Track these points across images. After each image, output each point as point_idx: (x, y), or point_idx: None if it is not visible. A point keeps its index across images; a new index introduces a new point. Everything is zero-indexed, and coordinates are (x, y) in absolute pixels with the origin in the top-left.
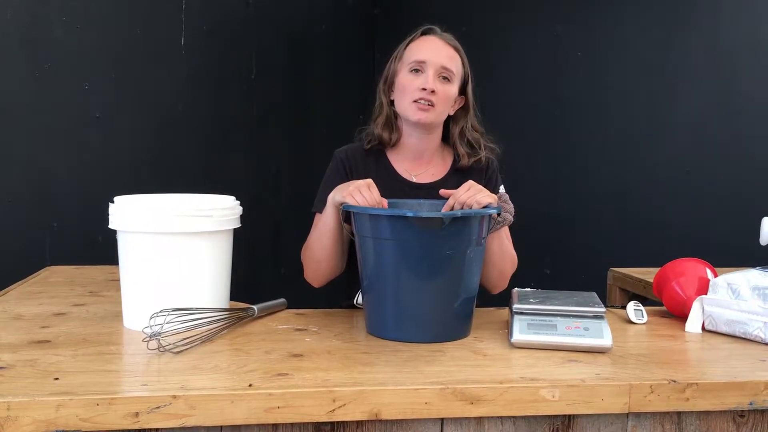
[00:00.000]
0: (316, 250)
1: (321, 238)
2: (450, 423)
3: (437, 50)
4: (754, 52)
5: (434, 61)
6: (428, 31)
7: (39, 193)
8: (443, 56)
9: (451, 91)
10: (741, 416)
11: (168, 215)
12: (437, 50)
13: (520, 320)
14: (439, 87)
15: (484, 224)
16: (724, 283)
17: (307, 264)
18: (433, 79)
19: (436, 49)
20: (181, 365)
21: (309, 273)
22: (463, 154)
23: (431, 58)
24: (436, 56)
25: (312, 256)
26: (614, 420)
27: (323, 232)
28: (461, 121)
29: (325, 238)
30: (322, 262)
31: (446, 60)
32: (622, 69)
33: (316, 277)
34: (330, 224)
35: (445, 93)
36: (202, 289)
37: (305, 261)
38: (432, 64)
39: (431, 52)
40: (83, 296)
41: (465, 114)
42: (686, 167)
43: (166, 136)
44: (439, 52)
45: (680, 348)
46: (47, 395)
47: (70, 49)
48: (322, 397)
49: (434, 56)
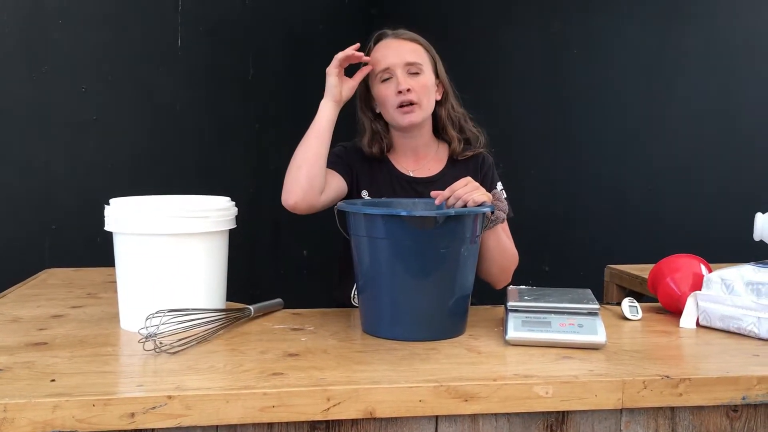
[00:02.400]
0: (297, 154)
1: (306, 140)
2: (444, 420)
3: (396, 51)
4: (752, 48)
5: (397, 62)
6: (381, 37)
7: (37, 194)
8: (404, 54)
9: (427, 81)
10: (734, 411)
11: (163, 217)
12: (396, 51)
13: (514, 317)
14: (413, 82)
15: (478, 222)
16: (718, 279)
17: (287, 176)
18: (403, 78)
19: (394, 51)
20: (177, 366)
21: (286, 185)
22: (453, 137)
23: (393, 62)
24: (397, 57)
25: (292, 163)
26: (608, 416)
27: (308, 134)
28: (446, 103)
29: (310, 138)
30: (303, 167)
31: (408, 55)
32: (619, 66)
33: (293, 189)
34: (318, 125)
35: (421, 85)
36: (198, 289)
37: (286, 175)
38: (396, 65)
39: (391, 56)
40: (81, 298)
41: (446, 97)
42: (683, 164)
43: (163, 136)
44: (398, 52)
45: (674, 344)
46: (44, 396)
47: (67, 51)
48: (317, 396)
49: (395, 58)
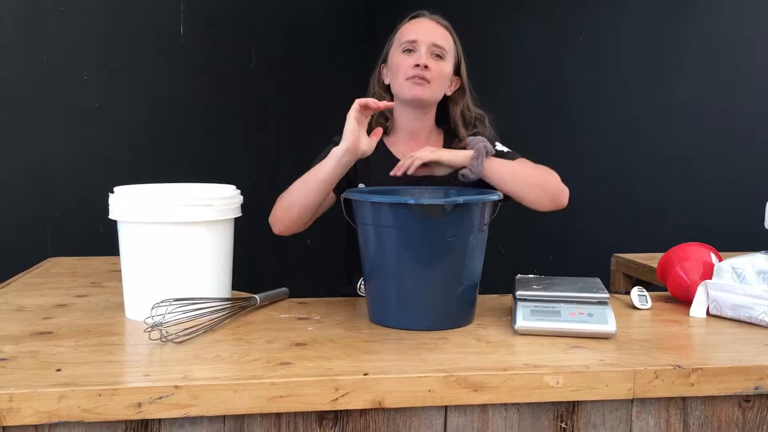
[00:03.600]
0: (295, 192)
1: (307, 182)
2: (454, 410)
3: (428, 29)
4: (756, 38)
5: (426, 40)
6: (418, 15)
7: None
8: (434, 34)
9: (446, 68)
10: (746, 401)
11: (168, 205)
12: (428, 29)
13: (523, 307)
14: (433, 63)
15: (486, 211)
16: (729, 268)
17: (279, 204)
18: (426, 55)
19: (427, 29)
20: (184, 355)
21: (276, 213)
22: (464, 137)
23: (422, 37)
24: (427, 35)
25: (287, 197)
26: (619, 406)
27: (312, 177)
28: (460, 102)
29: (311, 182)
30: (294, 208)
31: (438, 38)
32: (623, 55)
33: (281, 221)
34: (323, 172)
35: (439, 69)
36: (203, 278)
37: (278, 202)
38: (423, 42)
39: (422, 31)
40: (85, 287)
41: (462, 95)
42: (689, 152)
43: (165, 126)
44: (430, 30)
45: (685, 333)
46: (49, 386)
47: (68, 39)
48: (325, 386)
49: (425, 35)
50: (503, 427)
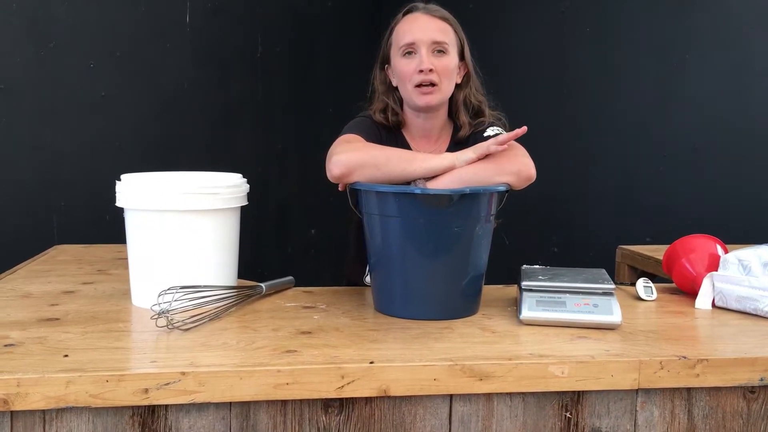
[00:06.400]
0: (380, 167)
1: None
2: (459, 399)
3: (424, 27)
4: (763, 28)
5: (424, 40)
6: (411, 9)
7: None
8: (432, 31)
9: (451, 63)
10: (751, 392)
11: (175, 193)
12: (424, 27)
13: (529, 297)
14: (436, 62)
15: (493, 201)
16: (735, 260)
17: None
18: (427, 57)
19: (423, 27)
20: (190, 342)
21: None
22: (464, 123)
23: (420, 37)
24: (425, 33)
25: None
26: (624, 396)
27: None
28: (464, 88)
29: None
30: (371, 175)
31: (436, 34)
32: (629, 46)
33: (353, 171)
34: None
35: (444, 66)
36: (209, 266)
37: (353, 151)
38: (422, 42)
39: (418, 30)
40: (91, 274)
41: (467, 80)
42: (694, 144)
43: (171, 114)
44: (426, 28)
45: (690, 324)
46: (57, 372)
47: (74, 27)
48: (331, 374)
49: (422, 34)
50: (508, 416)
